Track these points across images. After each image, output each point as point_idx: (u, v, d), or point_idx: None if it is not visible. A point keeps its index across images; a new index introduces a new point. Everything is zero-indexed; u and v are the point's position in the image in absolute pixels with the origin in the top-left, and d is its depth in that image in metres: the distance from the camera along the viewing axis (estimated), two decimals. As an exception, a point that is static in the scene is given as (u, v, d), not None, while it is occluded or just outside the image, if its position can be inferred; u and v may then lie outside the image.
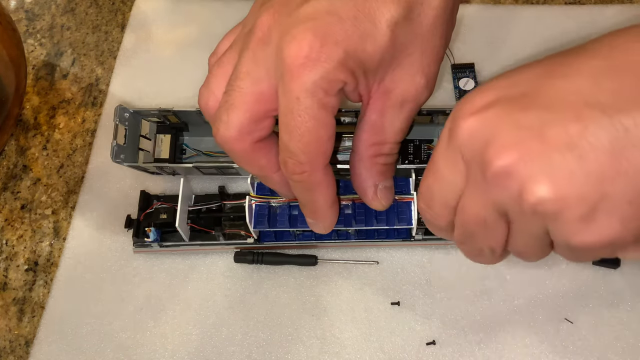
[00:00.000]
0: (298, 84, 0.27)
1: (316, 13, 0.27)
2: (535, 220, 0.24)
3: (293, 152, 0.29)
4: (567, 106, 0.22)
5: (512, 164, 0.23)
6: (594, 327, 0.38)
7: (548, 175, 0.22)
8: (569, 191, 0.22)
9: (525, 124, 0.23)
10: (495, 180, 0.23)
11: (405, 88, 0.30)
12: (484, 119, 0.24)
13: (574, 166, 0.22)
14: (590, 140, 0.21)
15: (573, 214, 0.22)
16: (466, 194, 0.26)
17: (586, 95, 0.22)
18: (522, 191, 0.23)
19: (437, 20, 0.29)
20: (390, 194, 0.35)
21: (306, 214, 0.34)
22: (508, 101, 0.24)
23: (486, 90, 0.25)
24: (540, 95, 0.23)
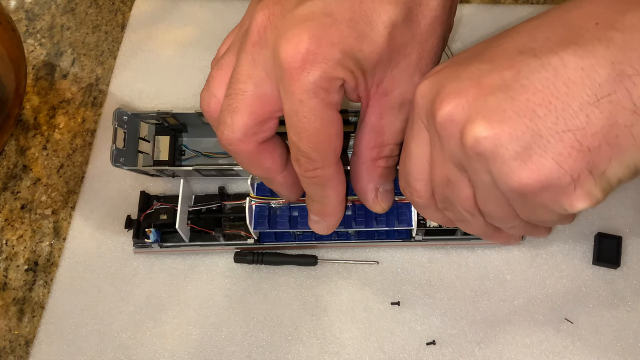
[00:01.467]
0: (299, 86, 0.27)
1: (311, 14, 0.27)
2: (480, 165, 0.25)
3: (304, 152, 0.29)
4: (503, 57, 0.24)
5: (452, 110, 0.24)
6: (594, 327, 0.38)
7: (483, 116, 0.24)
8: (502, 129, 0.23)
9: (465, 76, 0.25)
10: (442, 129, 0.25)
11: (403, 89, 0.30)
12: (433, 80, 0.26)
13: (506, 106, 0.23)
14: (522, 82, 0.23)
15: (508, 152, 0.23)
16: (431, 160, 0.28)
17: (519, 45, 0.24)
18: (462, 133, 0.24)
19: (436, 21, 0.29)
20: (391, 197, 0.35)
21: (314, 212, 0.34)
22: (455, 63, 0.26)
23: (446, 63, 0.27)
24: (482, 54, 0.25)
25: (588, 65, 0.22)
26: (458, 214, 0.30)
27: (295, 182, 0.34)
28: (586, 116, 0.22)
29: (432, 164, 0.28)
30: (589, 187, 0.23)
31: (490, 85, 0.24)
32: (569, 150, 0.23)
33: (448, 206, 0.29)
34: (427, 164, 0.28)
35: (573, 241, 0.41)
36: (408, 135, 0.29)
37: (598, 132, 0.22)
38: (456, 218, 0.30)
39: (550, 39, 0.24)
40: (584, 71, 0.22)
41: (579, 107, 0.22)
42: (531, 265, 0.40)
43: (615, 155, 0.23)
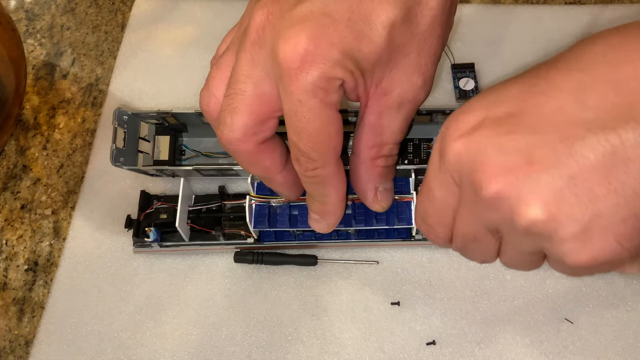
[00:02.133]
0: (297, 86, 0.27)
1: (310, 14, 0.27)
2: (529, 240, 0.24)
3: (304, 152, 0.29)
4: (551, 126, 0.22)
5: (503, 189, 0.23)
6: (594, 327, 0.38)
7: (539, 197, 0.22)
8: (561, 211, 0.22)
9: (512, 147, 0.23)
10: (488, 204, 0.24)
11: (402, 89, 0.30)
12: (471, 142, 0.24)
13: (563, 187, 0.22)
14: (578, 160, 0.22)
15: (566, 234, 0.22)
16: (459, 213, 0.27)
17: (569, 114, 0.22)
18: (514, 214, 0.23)
19: (435, 21, 0.29)
20: (390, 196, 0.35)
21: (314, 210, 0.34)
22: (493, 122, 0.24)
23: (471, 110, 0.25)
24: (523, 115, 0.23)
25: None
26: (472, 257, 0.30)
27: (295, 181, 0.34)
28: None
29: (460, 219, 0.27)
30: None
31: (543, 162, 0.22)
32: (630, 231, 0.22)
33: (464, 251, 0.29)
34: (451, 212, 0.27)
35: (573, 241, 0.41)
36: (434, 181, 0.27)
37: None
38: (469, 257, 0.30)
39: (603, 108, 0.22)
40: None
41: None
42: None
43: None
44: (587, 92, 0.22)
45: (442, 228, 0.29)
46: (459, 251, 0.30)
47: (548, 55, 0.50)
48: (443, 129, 0.26)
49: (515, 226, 0.23)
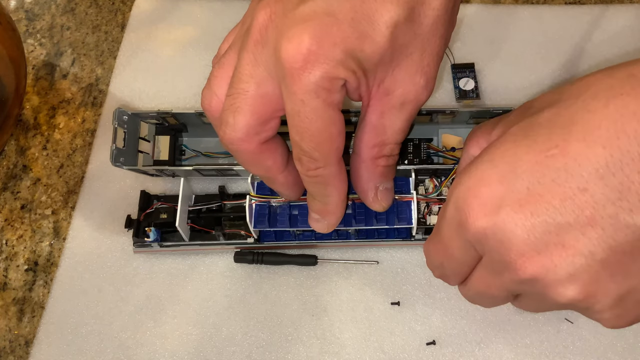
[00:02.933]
0: (300, 86, 0.27)
1: (313, 14, 0.27)
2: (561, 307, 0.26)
3: (306, 151, 0.29)
4: (578, 208, 0.23)
5: (539, 272, 0.24)
6: (594, 327, 0.38)
7: (575, 279, 0.24)
8: (597, 290, 0.24)
9: (542, 230, 0.23)
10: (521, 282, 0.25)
11: (405, 89, 0.30)
12: (497, 222, 0.24)
13: (598, 269, 0.23)
14: (609, 242, 0.23)
15: (602, 307, 0.24)
16: (480, 272, 0.28)
17: (594, 196, 0.22)
18: (551, 292, 0.24)
19: (438, 21, 0.29)
20: (391, 196, 0.35)
21: (315, 210, 0.34)
22: (516, 202, 0.24)
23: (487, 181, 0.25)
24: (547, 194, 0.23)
25: None
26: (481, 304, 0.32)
27: (295, 181, 0.34)
28: None
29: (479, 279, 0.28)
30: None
31: (576, 245, 0.23)
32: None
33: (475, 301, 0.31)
34: (469, 268, 0.28)
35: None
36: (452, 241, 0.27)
37: None
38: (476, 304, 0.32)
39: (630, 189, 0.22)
40: None
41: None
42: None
43: None
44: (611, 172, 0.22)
45: (457, 278, 0.30)
46: (466, 297, 0.31)
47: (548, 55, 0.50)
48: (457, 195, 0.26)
49: (548, 301, 0.25)
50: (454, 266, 0.29)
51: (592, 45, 0.48)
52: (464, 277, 0.30)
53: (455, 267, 0.29)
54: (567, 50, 0.48)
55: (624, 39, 0.48)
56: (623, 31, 0.48)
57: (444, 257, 0.29)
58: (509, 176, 0.24)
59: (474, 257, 0.27)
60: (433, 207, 0.39)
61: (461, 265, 0.28)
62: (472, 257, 0.27)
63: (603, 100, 0.23)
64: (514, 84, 0.47)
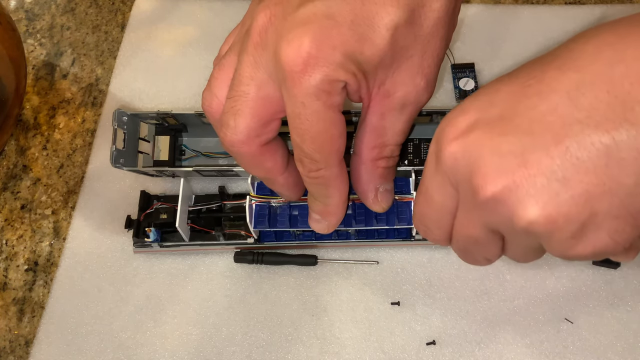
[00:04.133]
0: (300, 89, 0.27)
1: (313, 16, 0.27)
2: (529, 238, 0.25)
3: (307, 153, 0.29)
4: (545, 128, 0.23)
5: (500, 192, 0.23)
6: (594, 327, 0.38)
7: (535, 199, 0.23)
8: (557, 212, 0.23)
9: (506, 150, 0.23)
10: (486, 206, 0.24)
11: (405, 90, 0.30)
12: (466, 144, 0.24)
13: (559, 189, 0.22)
14: (572, 161, 0.22)
15: (564, 233, 0.23)
16: (459, 216, 0.27)
17: (563, 115, 0.22)
18: (512, 215, 0.23)
19: (439, 23, 0.29)
20: (391, 197, 0.35)
21: (316, 210, 0.34)
22: (487, 124, 0.24)
23: (465, 111, 0.25)
24: (517, 117, 0.23)
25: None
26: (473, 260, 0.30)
27: (296, 182, 0.34)
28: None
29: (460, 222, 0.27)
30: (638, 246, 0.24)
31: (538, 165, 0.22)
32: (623, 227, 0.23)
33: (465, 254, 0.30)
34: (450, 215, 0.28)
35: (573, 241, 0.41)
36: (431, 183, 0.27)
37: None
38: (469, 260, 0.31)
39: (597, 108, 0.22)
40: (638, 152, 0.21)
41: (635, 187, 0.22)
42: (531, 265, 0.40)
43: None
44: (581, 93, 0.22)
45: (440, 230, 0.29)
46: (458, 253, 0.30)
47: (548, 56, 0.50)
48: (438, 130, 0.26)
49: (515, 227, 0.24)
50: (435, 213, 0.28)
51: (592, 45, 0.48)
52: (445, 228, 0.29)
53: (436, 214, 0.28)
54: (567, 50, 0.48)
55: (624, 39, 0.48)
56: (623, 31, 0.48)
57: (425, 204, 0.28)
58: (486, 105, 0.25)
59: (453, 197, 0.27)
60: (433, 207, 0.39)
61: (441, 209, 0.28)
62: (450, 196, 0.27)
63: (584, 39, 0.24)
64: (514, 84, 0.47)
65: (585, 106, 0.22)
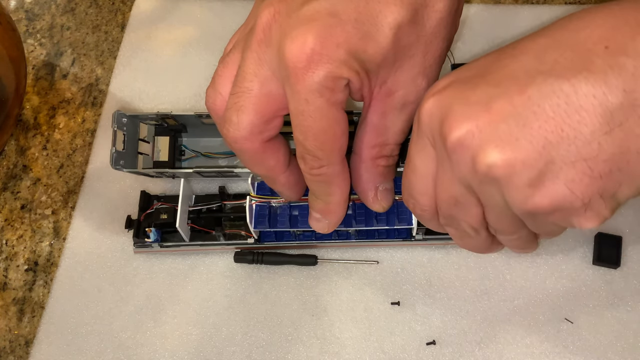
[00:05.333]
0: (304, 85, 0.27)
1: (317, 14, 0.27)
2: (492, 189, 0.25)
3: (310, 150, 0.29)
4: (511, 80, 0.24)
5: (464, 136, 0.24)
6: (594, 327, 0.38)
7: (495, 143, 0.23)
8: (515, 157, 0.23)
9: (474, 100, 0.24)
10: (452, 153, 0.25)
11: (406, 90, 0.30)
12: (440, 99, 0.26)
13: (518, 133, 0.23)
14: (533, 108, 0.23)
15: (521, 179, 0.24)
16: (437, 178, 0.28)
17: (528, 69, 0.24)
18: (474, 160, 0.24)
19: (441, 23, 0.29)
20: (391, 196, 0.35)
21: (316, 209, 0.34)
22: (461, 82, 0.26)
23: (445, 76, 0.27)
24: (488, 74, 0.25)
25: (600, 94, 0.22)
26: (461, 230, 0.30)
27: (296, 181, 0.34)
28: (598, 144, 0.22)
29: (438, 183, 0.28)
30: (599, 208, 0.24)
31: (501, 111, 0.23)
32: (580, 177, 0.23)
33: (451, 222, 0.30)
34: (432, 180, 0.28)
35: (573, 241, 0.41)
36: (413, 149, 0.28)
37: (610, 159, 0.23)
38: (458, 234, 0.31)
39: (560, 62, 0.23)
40: (596, 99, 0.22)
41: (591, 135, 0.22)
42: (531, 265, 0.40)
43: (626, 179, 0.23)
44: (547, 52, 0.24)
45: (426, 198, 0.29)
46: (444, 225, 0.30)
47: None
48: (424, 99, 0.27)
49: (478, 175, 0.24)
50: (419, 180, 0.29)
51: (592, 45, 0.48)
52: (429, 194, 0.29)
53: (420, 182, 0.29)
54: (567, 51, 0.48)
55: (623, 39, 0.48)
56: (623, 31, 0.48)
57: (410, 173, 0.29)
58: (463, 70, 0.27)
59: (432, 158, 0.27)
60: (433, 207, 0.39)
61: (424, 173, 0.28)
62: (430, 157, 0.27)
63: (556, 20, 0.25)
64: (514, 84, 0.47)
65: (549, 61, 0.23)
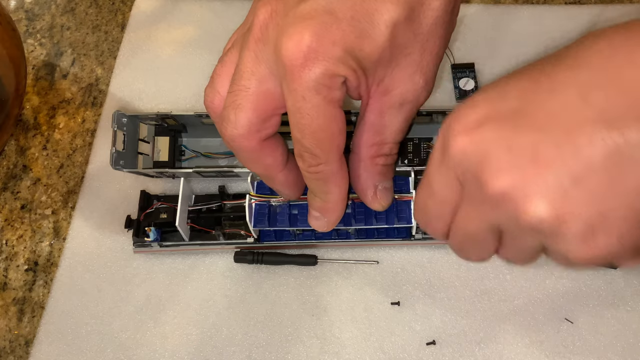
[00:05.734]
0: (301, 83, 0.27)
1: (313, 12, 0.27)
2: (532, 237, 0.24)
3: (308, 148, 0.29)
4: (557, 125, 0.22)
5: (509, 187, 0.23)
6: (594, 327, 0.38)
7: (545, 197, 0.22)
8: (566, 211, 0.22)
9: (517, 145, 0.23)
10: (493, 203, 0.24)
11: (404, 88, 0.30)
12: (476, 139, 0.24)
13: (569, 187, 0.22)
14: (583, 160, 0.22)
15: (571, 233, 0.23)
16: (461, 211, 0.27)
17: (575, 113, 0.22)
18: (520, 212, 0.23)
19: (437, 21, 0.29)
20: (390, 195, 0.35)
21: (315, 207, 0.34)
22: (498, 119, 0.24)
23: (475, 105, 0.25)
24: (529, 113, 0.23)
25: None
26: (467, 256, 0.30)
27: (295, 180, 0.34)
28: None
29: (460, 217, 0.27)
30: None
31: (549, 163, 0.22)
32: (631, 229, 0.22)
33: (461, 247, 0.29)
34: (450, 208, 0.27)
35: (573, 241, 0.41)
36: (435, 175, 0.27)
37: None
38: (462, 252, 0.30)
39: (608, 107, 0.22)
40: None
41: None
42: (531, 265, 0.40)
43: None
44: (592, 91, 0.22)
45: (441, 223, 0.29)
46: (454, 248, 0.30)
47: (548, 55, 0.50)
48: (445, 124, 0.26)
49: (520, 224, 0.23)
50: (437, 205, 0.28)
51: (592, 45, 0.48)
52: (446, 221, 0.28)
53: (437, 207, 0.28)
54: (567, 50, 0.48)
55: (624, 39, 0.48)
56: (623, 31, 0.48)
57: (428, 195, 0.28)
58: (496, 100, 0.24)
59: (456, 191, 0.26)
60: (433, 207, 0.39)
61: (443, 203, 0.27)
62: (454, 190, 0.26)
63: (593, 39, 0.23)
64: (514, 84, 0.47)
65: (596, 105, 0.22)
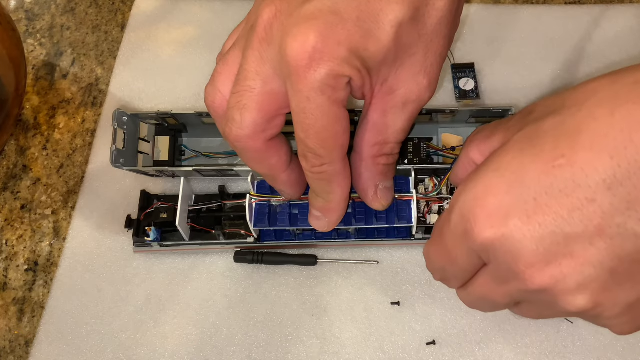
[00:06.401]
0: (305, 84, 0.27)
1: (318, 12, 0.27)
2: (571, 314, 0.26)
3: (311, 148, 0.29)
4: (587, 218, 0.23)
5: (549, 282, 0.24)
6: (594, 327, 0.38)
7: (584, 289, 0.24)
8: (606, 299, 0.24)
9: (550, 240, 0.23)
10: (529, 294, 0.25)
11: (408, 88, 0.30)
12: (504, 233, 0.24)
13: (606, 278, 0.23)
14: (617, 251, 0.23)
15: (611, 316, 0.25)
16: (483, 279, 0.28)
17: (603, 205, 0.22)
18: (560, 301, 0.25)
19: (442, 22, 0.29)
20: (390, 194, 0.35)
21: (317, 207, 0.34)
22: (523, 211, 0.24)
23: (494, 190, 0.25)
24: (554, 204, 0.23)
25: None
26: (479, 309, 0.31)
27: (297, 180, 0.34)
28: None
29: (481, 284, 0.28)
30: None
31: (584, 255, 0.23)
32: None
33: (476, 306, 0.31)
34: (471, 274, 0.28)
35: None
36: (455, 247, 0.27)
37: None
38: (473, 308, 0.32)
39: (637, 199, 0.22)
40: None
41: None
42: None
43: None
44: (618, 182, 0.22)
45: (460, 283, 0.30)
46: (465, 302, 0.31)
47: (548, 55, 0.50)
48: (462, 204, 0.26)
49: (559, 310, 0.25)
50: (457, 271, 0.29)
51: (592, 45, 0.48)
52: (465, 282, 0.29)
53: (457, 272, 0.29)
54: (567, 51, 0.48)
55: (624, 39, 0.48)
56: (623, 31, 0.48)
57: (447, 262, 0.29)
58: (516, 186, 0.24)
59: (478, 265, 0.27)
60: (433, 206, 0.39)
61: (464, 271, 0.28)
62: (475, 264, 0.27)
63: (609, 108, 0.23)
64: (514, 84, 0.47)
65: (624, 196, 0.22)
